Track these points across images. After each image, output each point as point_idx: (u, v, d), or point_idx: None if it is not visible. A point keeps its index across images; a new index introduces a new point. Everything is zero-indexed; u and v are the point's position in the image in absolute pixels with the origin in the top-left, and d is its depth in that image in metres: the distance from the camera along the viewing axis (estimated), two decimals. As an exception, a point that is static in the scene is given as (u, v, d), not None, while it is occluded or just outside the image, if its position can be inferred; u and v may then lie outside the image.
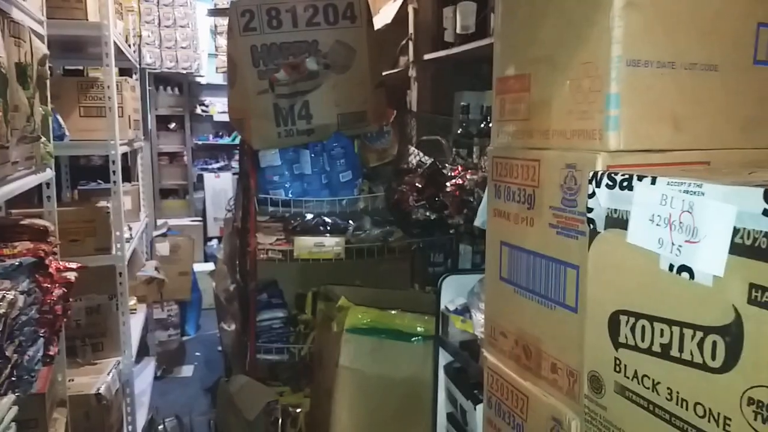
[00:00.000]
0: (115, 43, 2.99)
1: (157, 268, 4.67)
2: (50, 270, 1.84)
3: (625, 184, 0.67)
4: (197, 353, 4.98)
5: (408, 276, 2.58)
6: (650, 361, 0.64)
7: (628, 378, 0.68)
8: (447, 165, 2.10)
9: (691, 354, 0.60)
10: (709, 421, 0.58)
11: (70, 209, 2.91)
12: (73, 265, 2.01)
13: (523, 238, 0.92)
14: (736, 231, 0.55)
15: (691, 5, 0.76)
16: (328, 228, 2.28)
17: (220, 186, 7.06)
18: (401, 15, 2.94)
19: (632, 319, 0.67)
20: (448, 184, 1.98)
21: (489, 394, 1.02)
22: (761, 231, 0.53)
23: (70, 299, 2.00)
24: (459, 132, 2.36)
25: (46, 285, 1.77)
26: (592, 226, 0.72)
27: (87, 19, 2.84)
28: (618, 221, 0.68)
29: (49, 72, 2.17)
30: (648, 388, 0.65)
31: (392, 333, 1.86)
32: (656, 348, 0.64)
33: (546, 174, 0.85)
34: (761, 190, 0.53)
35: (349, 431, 1.85)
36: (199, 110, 7.22)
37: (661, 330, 0.63)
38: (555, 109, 0.84)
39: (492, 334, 1.02)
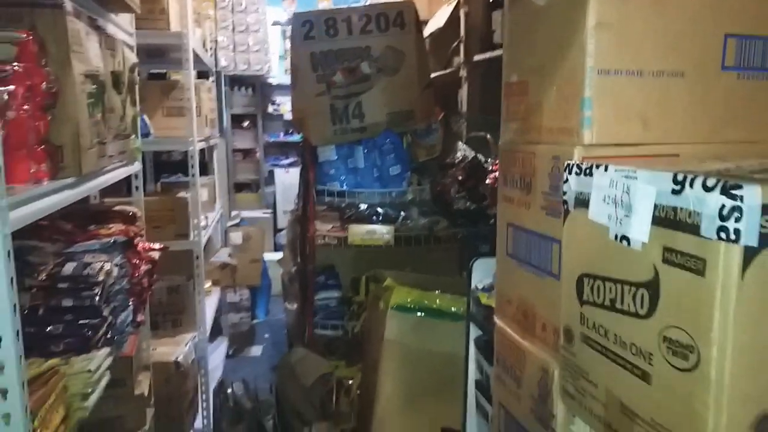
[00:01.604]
0: (193, 49, 3.31)
1: (231, 255, 5.05)
2: (138, 249, 2.14)
3: (587, 171, 0.82)
4: (266, 335, 5.33)
5: (455, 264, 2.75)
6: (603, 314, 0.80)
7: (589, 328, 0.83)
8: (489, 159, 2.25)
9: (628, 305, 0.75)
10: (639, 357, 0.74)
11: (154, 198, 3.25)
12: (157, 246, 2.32)
13: (522, 219, 1.08)
14: (656, 206, 0.70)
15: (656, 21, 0.90)
16: (380, 217, 2.48)
17: (289, 181, 7.41)
18: (454, 18, 3.09)
19: (591, 281, 0.82)
20: (488, 177, 2.14)
21: (497, 353, 1.19)
22: (670, 206, 0.68)
23: (155, 276, 2.31)
24: (504, 129, 2.50)
25: (135, 261, 2.07)
26: (565, 206, 0.88)
27: (169, 29, 3.17)
28: (583, 202, 0.84)
29: (137, 77, 2.48)
30: (602, 335, 0.80)
31: (433, 311, 2.04)
32: (607, 302, 0.79)
33: (539, 164, 1.01)
34: (671, 174, 0.68)
35: (392, 399, 2.04)
36: (270, 109, 7.60)
37: (610, 287, 0.79)
38: (545, 110, 0.99)
39: (500, 302, 1.19)
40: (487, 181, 2.11)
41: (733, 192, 0.61)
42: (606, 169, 0.79)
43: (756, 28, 0.95)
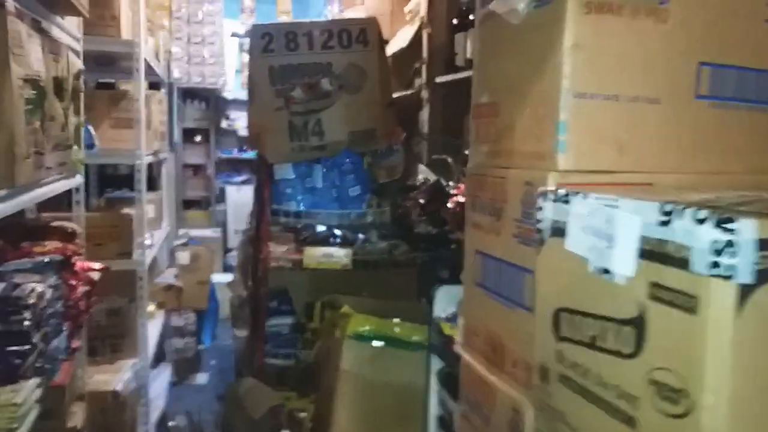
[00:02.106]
0: (145, 59, 3.18)
1: (177, 275, 4.84)
2: (75, 269, 2.00)
3: (564, 198, 0.78)
4: (212, 362, 5.11)
5: (413, 289, 2.68)
6: (582, 351, 0.75)
7: (566, 367, 0.78)
8: (450, 183, 2.21)
9: (611, 344, 0.70)
10: (624, 401, 0.68)
11: (96, 214, 3.08)
12: (97, 266, 2.17)
13: (492, 247, 1.03)
14: (642, 238, 0.66)
15: (633, 46, 0.87)
16: (337, 239, 2.40)
17: (241, 199, 7.23)
18: (416, 39, 3.08)
19: (569, 315, 0.77)
20: (449, 200, 2.09)
21: (463, 388, 1.13)
22: (657, 239, 0.64)
23: (93, 298, 2.15)
24: (466, 152, 2.48)
25: (71, 282, 1.92)
26: (540, 235, 0.83)
27: (120, 36, 3.04)
28: (560, 231, 0.79)
29: (83, 85, 2.34)
30: (580, 375, 0.75)
31: (392, 340, 1.96)
32: (586, 340, 0.74)
33: (510, 190, 0.96)
34: (658, 204, 0.63)
35: (348, 421, 1.95)
36: (224, 124, 7.44)
37: (590, 324, 0.73)
38: (517, 132, 0.95)
39: (467, 334, 1.13)
40: (449, 205, 2.07)
41: (727, 226, 0.57)
42: (585, 196, 0.75)
43: (731, 57, 0.94)
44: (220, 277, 5.78)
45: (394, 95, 2.91)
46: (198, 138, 7.35)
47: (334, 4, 3.91)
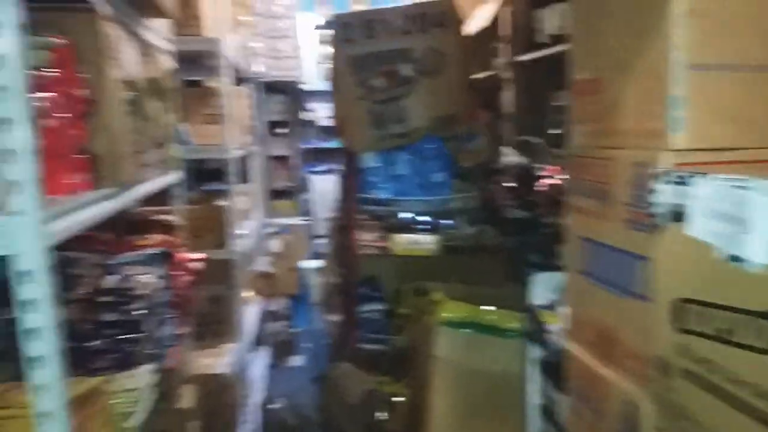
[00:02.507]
0: (227, 55, 3.28)
1: (270, 263, 5.02)
2: (178, 260, 2.10)
3: (683, 180, 0.71)
4: (306, 345, 5.29)
5: (502, 275, 2.63)
6: (710, 345, 0.69)
7: (691, 362, 0.72)
8: (539, 165, 2.14)
9: (746, 337, 0.64)
10: (762, 399, 0.62)
11: (194, 207, 3.22)
12: (197, 256, 2.28)
13: (599, 233, 0.97)
14: (783, 222, 0.59)
15: (754, 9, 0.79)
16: (424, 226, 2.39)
17: (325, 187, 7.36)
18: (495, 17, 2.98)
19: (696, 307, 0.71)
20: (539, 183, 2.02)
21: (571, 382, 1.08)
22: (803, 222, 0.57)
23: (197, 287, 2.26)
24: (553, 132, 2.38)
25: (176, 272, 2.02)
26: (656, 220, 0.77)
27: (203, 35, 3.14)
28: (679, 215, 0.73)
29: (175, 84, 2.44)
30: (708, 371, 0.69)
31: (485, 328, 1.93)
32: (715, 333, 0.68)
33: (618, 172, 0.90)
34: (805, 184, 0.57)
35: (444, 419, 1.94)
36: (304, 116, 7.58)
37: (720, 316, 0.67)
38: (624, 110, 0.89)
39: (572, 325, 1.08)
40: (539, 189, 2.00)
41: None
42: (709, 178, 0.68)
43: None
44: (310, 264, 5.95)
45: (473, 77, 2.84)
46: (281, 130, 7.54)
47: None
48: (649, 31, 0.82)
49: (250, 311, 3.80)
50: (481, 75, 3.12)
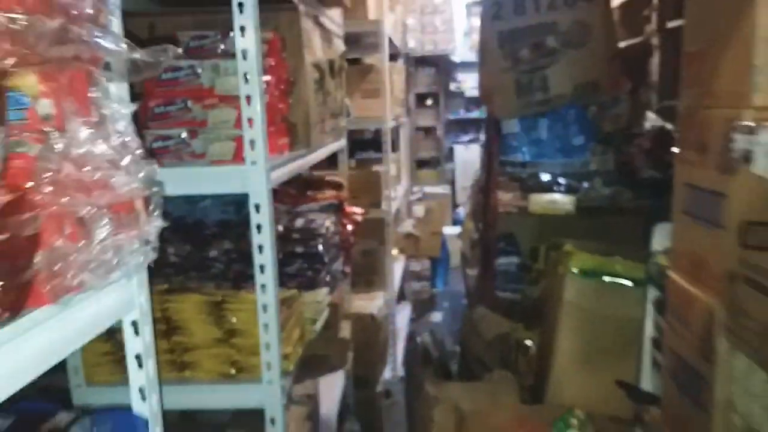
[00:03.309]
0: (388, 35, 3.66)
1: (414, 225, 5.43)
2: (346, 212, 2.53)
3: (753, 130, 0.92)
4: (445, 304, 5.67)
5: (639, 236, 2.75)
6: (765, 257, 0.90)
7: (751, 270, 0.94)
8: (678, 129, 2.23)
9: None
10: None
11: (353, 172, 3.69)
12: (359, 210, 2.70)
13: (697, 178, 1.17)
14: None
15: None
16: (562, 187, 2.59)
17: (469, 157, 7.60)
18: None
19: (757, 227, 0.93)
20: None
21: (669, 303, 1.30)
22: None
23: (356, 236, 2.69)
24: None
25: (343, 221, 2.45)
26: (734, 163, 0.98)
27: (367, 18, 3.54)
28: (749, 158, 0.94)
29: (345, 64, 2.86)
30: (764, 276, 0.91)
31: (612, 276, 2.13)
32: (769, 247, 0.89)
33: (713, 127, 1.10)
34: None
35: (569, 357, 2.18)
36: (452, 87, 7.84)
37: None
38: (721, 77, 1.08)
39: (674, 256, 1.29)
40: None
41: None
42: (760, 130, 0.89)
43: None
44: (451, 230, 6.29)
45: (623, 44, 2.92)
46: (429, 102, 7.86)
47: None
48: (741, 14, 1.01)
49: (396, 268, 4.23)
50: (631, 42, 3.18)
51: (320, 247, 2.01)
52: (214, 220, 1.89)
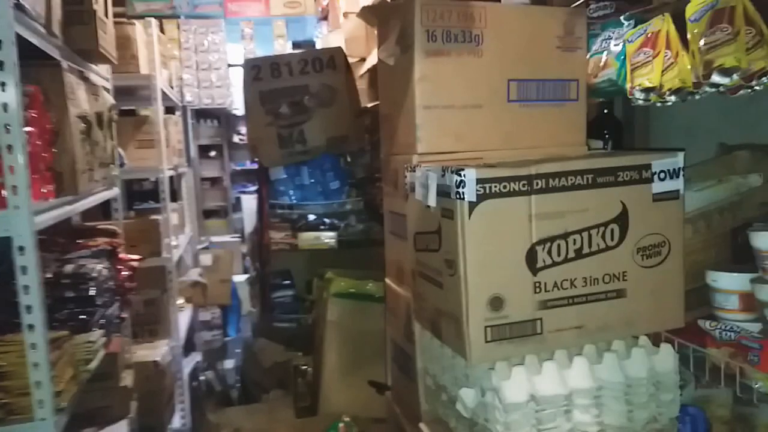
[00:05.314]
0: (161, 88, 3.80)
1: (201, 274, 5.46)
2: (120, 257, 2.60)
3: (412, 170, 1.34)
4: (237, 350, 5.72)
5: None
6: (425, 255, 1.31)
7: (420, 266, 1.34)
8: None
9: (430, 246, 1.26)
10: (437, 274, 1.24)
11: (130, 221, 3.68)
12: (135, 257, 2.78)
13: (394, 206, 1.59)
14: (438, 185, 1.21)
15: (461, 74, 1.42)
16: (325, 225, 2.98)
17: (256, 206, 7.81)
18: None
19: (419, 236, 1.33)
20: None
21: (387, 302, 1.69)
22: (443, 184, 1.19)
23: (134, 282, 2.75)
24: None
25: (118, 266, 2.52)
26: (407, 192, 1.39)
27: (139, 72, 3.65)
28: (412, 188, 1.35)
29: (115, 115, 2.95)
30: (426, 268, 1.31)
31: (366, 297, 2.53)
32: (424, 248, 1.30)
33: (399, 168, 1.53)
34: (440, 167, 1.19)
35: (335, 370, 2.51)
36: (236, 138, 8.06)
37: (425, 238, 1.29)
38: (399, 132, 1.51)
39: (388, 266, 1.69)
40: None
41: (461, 172, 1.13)
42: (414, 169, 1.31)
43: (531, 73, 1.49)
44: (241, 278, 6.40)
45: (371, 104, 3.47)
46: (213, 153, 7.96)
47: (323, 26, 4.49)
48: (406, 88, 1.45)
49: (182, 316, 4.25)
50: (375, 103, 3.77)
51: (92, 291, 2.08)
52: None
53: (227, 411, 2.41)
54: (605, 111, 1.80)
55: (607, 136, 1.79)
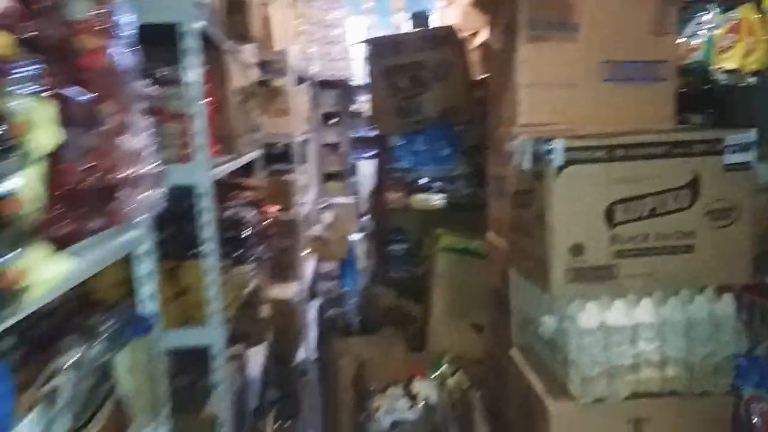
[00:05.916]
0: (292, 62, 4.26)
1: (323, 230, 6.02)
2: (263, 209, 3.09)
3: (513, 139, 1.61)
4: (352, 300, 6.26)
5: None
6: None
7: (516, 220, 1.62)
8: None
9: (527, 205, 1.53)
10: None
11: (267, 179, 4.23)
12: (275, 207, 3.27)
13: (500, 171, 1.87)
14: (533, 152, 1.48)
15: (558, 57, 1.65)
16: (436, 188, 3.29)
17: (371, 171, 8.24)
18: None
19: (517, 195, 1.61)
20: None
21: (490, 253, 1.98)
22: (539, 150, 1.46)
23: (273, 229, 3.24)
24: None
25: (262, 214, 3.01)
26: (508, 158, 1.67)
27: (273, 48, 4.12)
28: (512, 155, 1.63)
29: (258, 88, 3.43)
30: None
31: (471, 252, 2.83)
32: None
33: (502, 137, 1.80)
34: (535, 138, 1.45)
35: (441, 315, 2.85)
36: (353, 108, 8.53)
37: (523, 197, 1.57)
38: (504, 107, 1.78)
39: (491, 222, 1.98)
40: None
41: (551, 142, 1.39)
42: (517, 138, 1.58)
43: (622, 56, 1.69)
44: (357, 236, 6.92)
45: (482, 77, 3.70)
46: (333, 121, 8.49)
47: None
48: (510, 69, 1.71)
49: (308, 265, 4.79)
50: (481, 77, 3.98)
51: (245, 233, 2.55)
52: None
53: (350, 341, 2.83)
54: (705, 88, 1.94)
55: (707, 111, 1.94)
